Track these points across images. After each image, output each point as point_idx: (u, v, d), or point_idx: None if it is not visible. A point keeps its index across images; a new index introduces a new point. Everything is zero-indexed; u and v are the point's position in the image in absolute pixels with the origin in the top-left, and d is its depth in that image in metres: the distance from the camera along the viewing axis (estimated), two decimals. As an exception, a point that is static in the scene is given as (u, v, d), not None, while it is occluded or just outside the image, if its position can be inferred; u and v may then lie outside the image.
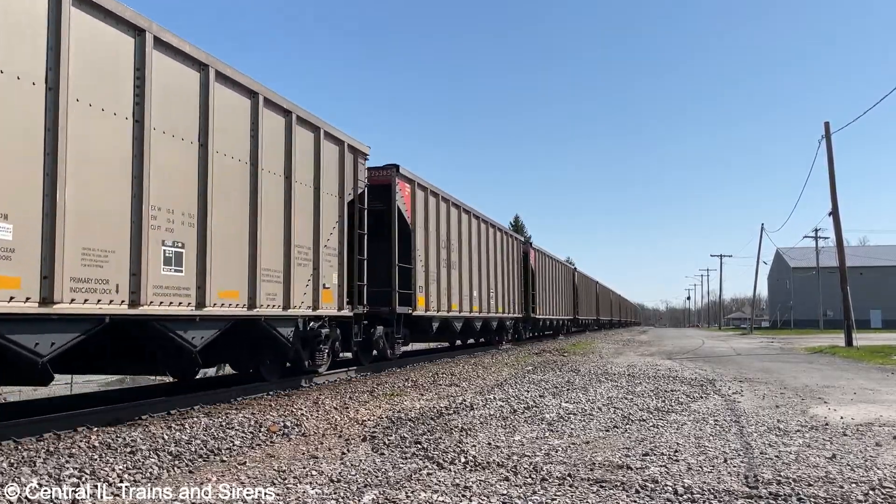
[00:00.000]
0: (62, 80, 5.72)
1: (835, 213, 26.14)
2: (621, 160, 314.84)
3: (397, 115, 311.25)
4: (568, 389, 9.83)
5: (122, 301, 6.27)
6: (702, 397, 9.05)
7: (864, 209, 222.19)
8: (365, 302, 11.48)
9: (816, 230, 59.02)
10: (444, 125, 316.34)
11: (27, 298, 5.40)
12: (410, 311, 13.54)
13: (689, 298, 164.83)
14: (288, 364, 10.17)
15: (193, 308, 7.22)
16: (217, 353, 8.93)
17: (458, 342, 21.01)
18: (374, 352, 12.93)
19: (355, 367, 12.32)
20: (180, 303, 7.04)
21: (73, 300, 5.76)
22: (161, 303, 6.76)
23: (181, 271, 7.08)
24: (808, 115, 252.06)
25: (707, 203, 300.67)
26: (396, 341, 13.43)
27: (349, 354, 12.32)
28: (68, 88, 5.79)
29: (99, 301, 6.03)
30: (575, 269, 39.37)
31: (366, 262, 11.48)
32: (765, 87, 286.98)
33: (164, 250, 6.85)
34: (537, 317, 26.39)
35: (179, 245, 7.08)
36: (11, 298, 5.27)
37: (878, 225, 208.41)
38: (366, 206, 11.57)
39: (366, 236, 11.49)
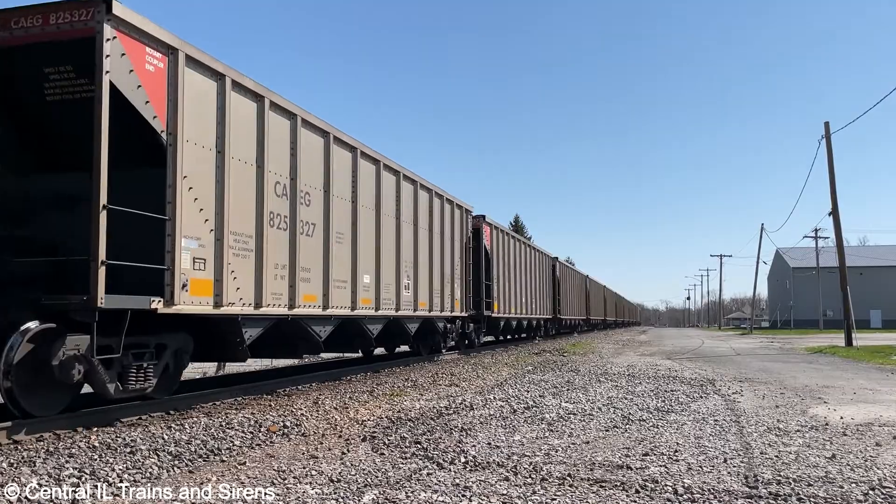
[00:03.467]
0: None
1: (835, 213, 26.15)
2: (621, 160, 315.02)
3: (397, 116, 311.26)
4: (568, 389, 9.83)
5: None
6: (702, 397, 9.05)
7: (864, 209, 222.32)
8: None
9: (816, 230, 59.03)
10: (445, 126, 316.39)
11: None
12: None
13: (688, 298, 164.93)
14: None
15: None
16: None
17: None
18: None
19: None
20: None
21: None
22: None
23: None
24: (808, 115, 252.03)
25: (707, 203, 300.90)
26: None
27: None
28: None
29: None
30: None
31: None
32: (765, 87, 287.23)
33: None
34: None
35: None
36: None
37: (878, 225, 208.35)
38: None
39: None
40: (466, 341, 18.87)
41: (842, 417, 7.30)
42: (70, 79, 6.97)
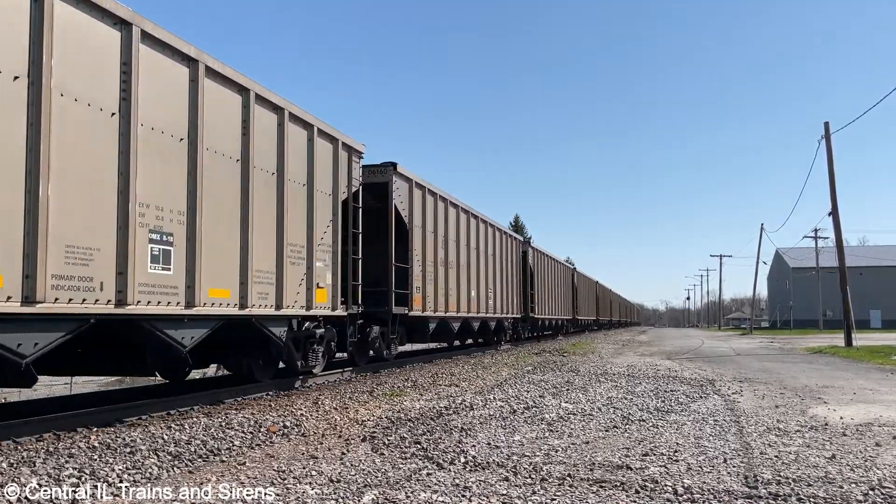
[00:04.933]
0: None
1: (834, 213, 26.15)
2: (621, 160, 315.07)
3: (397, 116, 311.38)
4: (568, 389, 9.83)
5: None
6: (701, 397, 9.05)
7: (864, 209, 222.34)
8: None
9: (816, 230, 59.05)
10: (445, 126, 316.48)
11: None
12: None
13: (688, 298, 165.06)
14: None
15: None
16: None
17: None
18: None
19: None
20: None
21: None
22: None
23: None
24: (808, 115, 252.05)
25: (707, 203, 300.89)
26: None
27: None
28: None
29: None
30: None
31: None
32: (765, 87, 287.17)
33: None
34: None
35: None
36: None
37: (878, 225, 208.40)
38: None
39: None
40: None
41: (842, 418, 7.30)
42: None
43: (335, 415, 7.40)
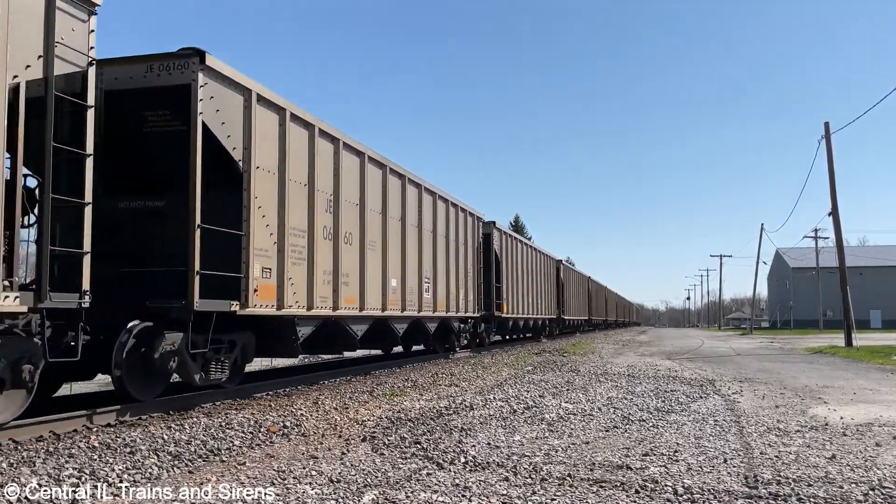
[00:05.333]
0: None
1: (835, 213, 26.15)
2: (621, 160, 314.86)
3: (397, 116, 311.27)
4: (568, 389, 9.83)
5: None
6: (702, 397, 9.05)
7: (864, 209, 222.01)
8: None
9: (816, 230, 59.02)
10: (445, 126, 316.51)
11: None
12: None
13: (688, 299, 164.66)
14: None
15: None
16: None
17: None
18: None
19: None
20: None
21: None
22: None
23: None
24: (808, 115, 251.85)
25: (707, 203, 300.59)
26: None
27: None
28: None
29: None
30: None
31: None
32: (765, 88, 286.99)
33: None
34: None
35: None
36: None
37: (878, 225, 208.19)
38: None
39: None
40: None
41: (842, 418, 7.30)
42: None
43: (335, 415, 7.40)
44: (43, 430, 6.07)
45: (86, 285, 6.15)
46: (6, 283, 5.52)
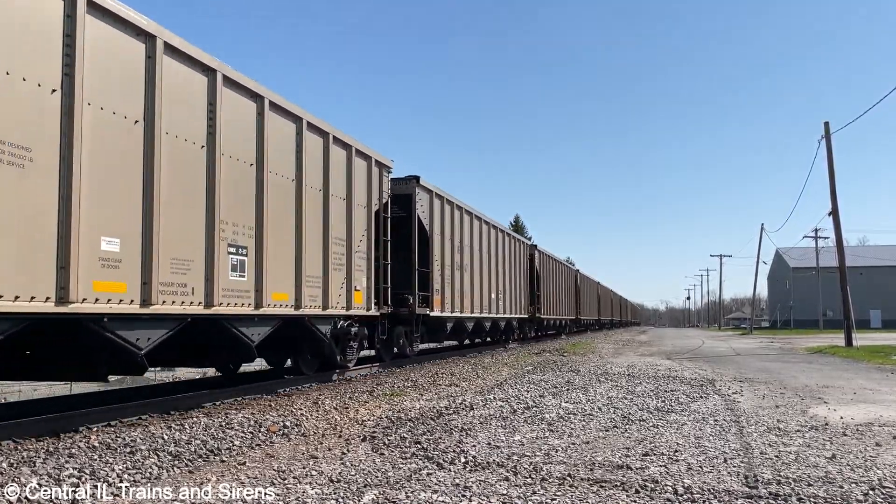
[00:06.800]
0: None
1: (835, 213, 26.14)
2: (621, 160, 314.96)
3: (397, 116, 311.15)
4: (568, 389, 9.83)
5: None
6: (702, 397, 9.05)
7: (864, 209, 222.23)
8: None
9: (816, 230, 59.08)
10: (445, 126, 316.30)
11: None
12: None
13: (688, 298, 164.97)
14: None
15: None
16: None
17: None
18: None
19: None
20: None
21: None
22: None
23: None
24: (808, 115, 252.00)
25: (707, 203, 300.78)
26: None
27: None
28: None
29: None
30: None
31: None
32: (765, 87, 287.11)
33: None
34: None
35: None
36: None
37: (878, 225, 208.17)
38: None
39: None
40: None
41: (842, 417, 7.30)
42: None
43: (335, 415, 7.40)
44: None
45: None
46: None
